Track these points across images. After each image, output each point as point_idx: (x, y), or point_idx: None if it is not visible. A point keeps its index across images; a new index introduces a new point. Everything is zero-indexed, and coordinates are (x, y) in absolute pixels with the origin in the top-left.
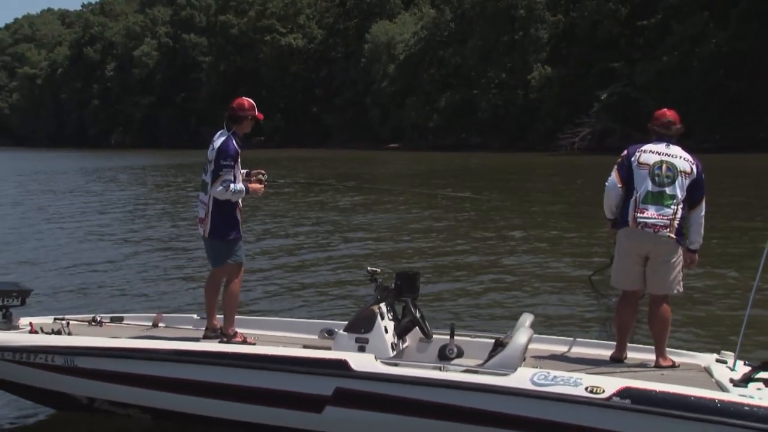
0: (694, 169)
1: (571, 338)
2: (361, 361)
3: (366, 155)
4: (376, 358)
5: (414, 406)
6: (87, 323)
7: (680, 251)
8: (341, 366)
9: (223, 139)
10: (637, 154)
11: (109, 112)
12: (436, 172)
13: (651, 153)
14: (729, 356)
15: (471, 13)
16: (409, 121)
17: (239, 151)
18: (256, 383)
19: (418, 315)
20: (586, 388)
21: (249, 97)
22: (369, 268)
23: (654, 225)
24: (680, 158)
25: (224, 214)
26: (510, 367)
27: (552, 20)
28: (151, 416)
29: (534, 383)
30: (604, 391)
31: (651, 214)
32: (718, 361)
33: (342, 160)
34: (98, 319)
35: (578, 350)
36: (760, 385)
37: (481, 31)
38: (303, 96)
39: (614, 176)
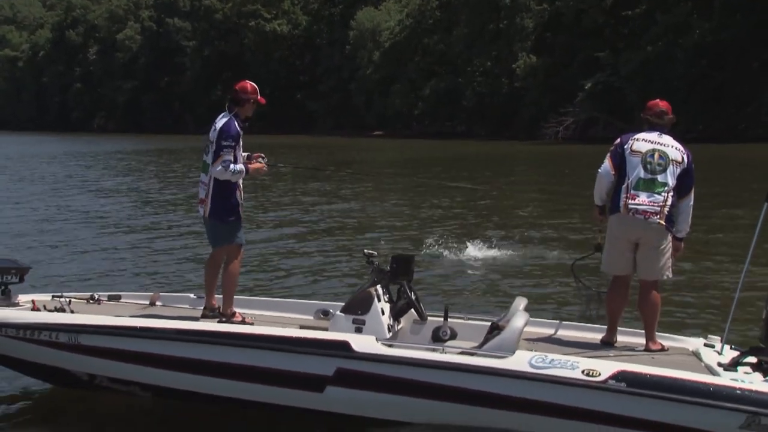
0: (685, 159)
1: (558, 321)
2: (363, 343)
3: (352, 142)
4: (377, 339)
5: (413, 387)
6: (85, 301)
7: (669, 238)
8: (343, 347)
9: (225, 120)
10: (630, 142)
11: (92, 96)
12: (428, 160)
13: (644, 141)
14: (716, 340)
15: (456, 1)
16: (393, 108)
17: (240, 132)
18: (258, 362)
19: (413, 297)
20: (583, 371)
21: (233, 82)
22: (366, 250)
23: (645, 212)
24: (672, 147)
25: (225, 196)
26: (508, 350)
27: (537, 9)
28: (151, 394)
29: (532, 366)
30: (600, 374)
31: (642, 200)
32: (706, 345)
33: (329, 147)
34: (96, 297)
35: (568, 333)
36: (748, 369)
37: (466, 19)
38: (287, 82)
39: (608, 164)
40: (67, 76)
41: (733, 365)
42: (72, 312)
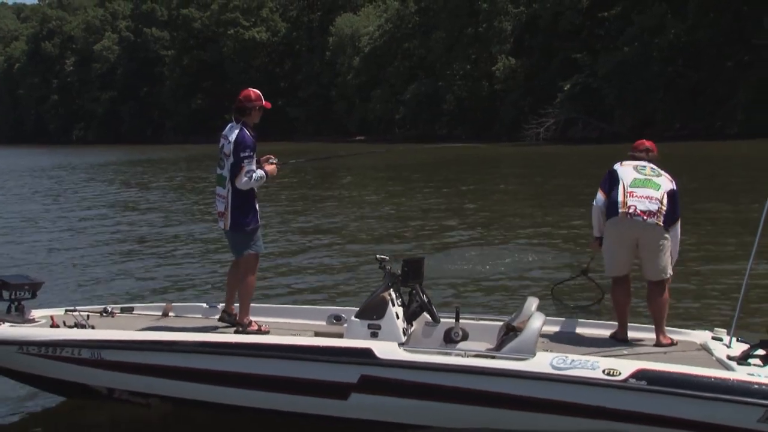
0: (674, 183)
1: (563, 318)
2: (385, 349)
3: (335, 148)
4: (399, 345)
5: (437, 391)
6: (99, 314)
7: (668, 237)
8: (366, 354)
9: (237, 131)
10: (619, 162)
11: (70, 108)
12: (413, 164)
13: (633, 160)
14: (722, 333)
15: (435, 5)
16: (375, 113)
17: (254, 140)
18: (282, 372)
19: (425, 300)
20: (604, 371)
21: (213, 90)
22: (378, 255)
23: (643, 212)
24: (661, 170)
25: (244, 206)
26: (528, 352)
27: (515, 12)
28: (172, 404)
29: (554, 367)
30: (620, 373)
31: (641, 195)
32: (714, 338)
33: (313, 153)
34: (109, 309)
35: (578, 330)
36: (758, 362)
37: (445, 23)
38: (268, 89)
39: (600, 194)
40: (43, 87)
41: (744, 358)
42: (91, 327)
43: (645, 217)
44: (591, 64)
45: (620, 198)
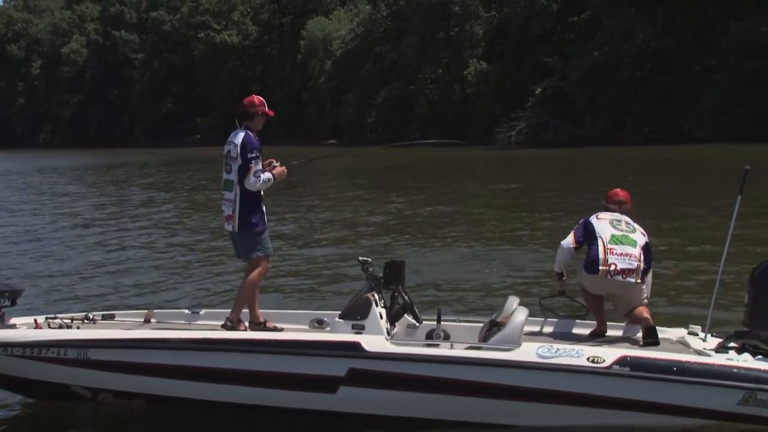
0: (646, 236)
1: (544, 318)
2: (374, 342)
3: (308, 152)
4: (386, 338)
5: (425, 382)
6: (80, 321)
7: (644, 288)
8: (354, 347)
9: (242, 134)
10: (595, 215)
11: (36, 111)
12: (386, 167)
13: (608, 213)
14: (697, 329)
15: (406, 9)
16: (347, 117)
17: (260, 142)
18: (270, 367)
19: (408, 301)
20: (588, 359)
21: (184, 94)
22: (361, 257)
23: (622, 270)
24: (635, 223)
25: (252, 208)
26: (513, 343)
27: (486, 16)
28: (158, 405)
29: (539, 356)
30: (604, 360)
31: (620, 252)
32: (690, 333)
33: (282, 156)
34: (90, 316)
35: (559, 329)
36: (733, 353)
37: (416, 27)
38: (239, 93)
39: (570, 238)
40: (9, 91)
41: (720, 349)
42: (77, 328)
43: (624, 276)
44: (562, 69)
45: (601, 255)
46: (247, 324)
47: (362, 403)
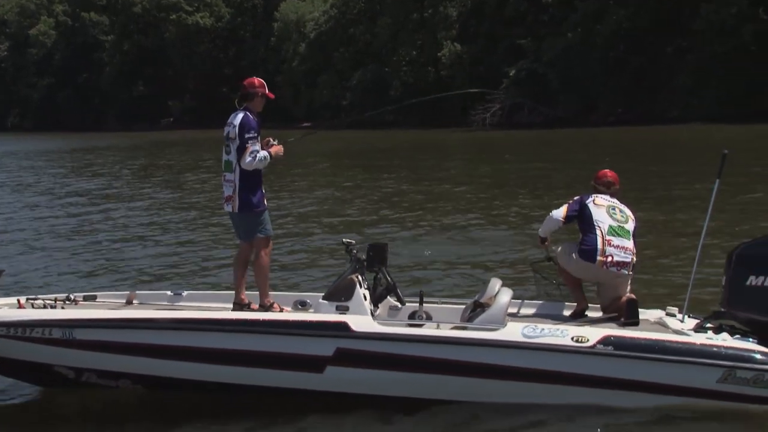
0: (635, 221)
1: (526, 300)
2: (361, 322)
3: (284, 134)
4: (373, 318)
5: (411, 362)
6: (62, 302)
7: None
8: (342, 327)
9: (241, 115)
10: (591, 197)
11: (4, 94)
12: (362, 150)
13: (602, 199)
14: (674, 310)
15: None
16: (321, 99)
17: (258, 124)
18: (258, 347)
19: (392, 282)
20: (572, 338)
21: (156, 77)
22: (344, 240)
23: (618, 263)
24: (626, 208)
25: (252, 188)
26: (498, 323)
27: None
28: (143, 386)
29: (525, 336)
30: (588, 339)
31: (618, 245)
32: (668, 314)
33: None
34: (72, 297)
35: (541, 310)
36: (711, 333)
37: (390, 8)
38: (212, 76)
39: (562, 211)
40: None
41: (699, 330)
42: (62, 308)
43: (619, 269)
44: (536, 50)
45: (599, 246)
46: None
47: (349, 383)
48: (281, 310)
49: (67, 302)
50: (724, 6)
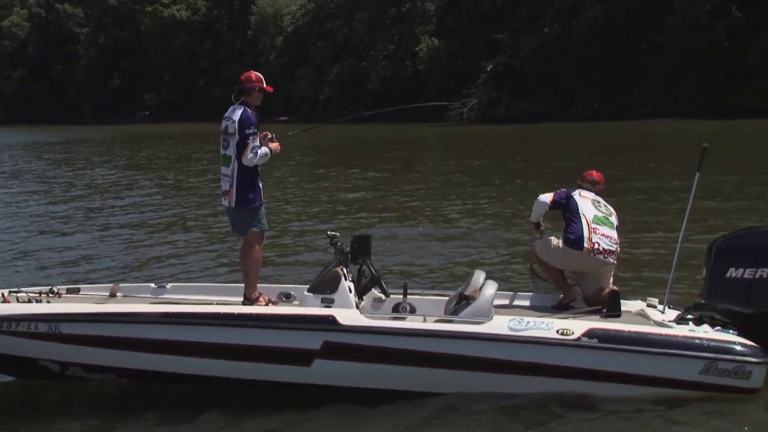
0: (618, 220)
1: (512, 292)
2: (348, 315)
3: (262, 128)
4: (361, 312)
5: (398, 355)
6: (46, 295)
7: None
8: (329, 321)
9: (240, 111)
10: (577, 190)
11: None
12: (342, 145)
13: (588, 192)
14: (654, 301)
15: None
16: (299, 93)
17: (257, 119)
18: (246, 341)
19: (376, 274)
20: (557, 331)
21: (132, 70)
22: (329, 232)
23: (605, 251)
24: (609, 206)
25: (248, 183)
26: (484, 316)
27: None
28: (128, 380)
29: (511, 329)
30: (573, 332)
31: (602, 233)
32: (649, 306)
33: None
34: (55, 290)
35: (524, 302)
36: (692, 325)
37: (367, 3)
38: (189, 69)
39: (549, 196)
40: None
41: (679, 321)
42: (47, 302)
43: (605, 256)
44: (513, 45)
45: (585, 233)
46: (270, 298)
47: (336, 376)
48: (268, 303)
49: (50, 295)
50: (698, 2)
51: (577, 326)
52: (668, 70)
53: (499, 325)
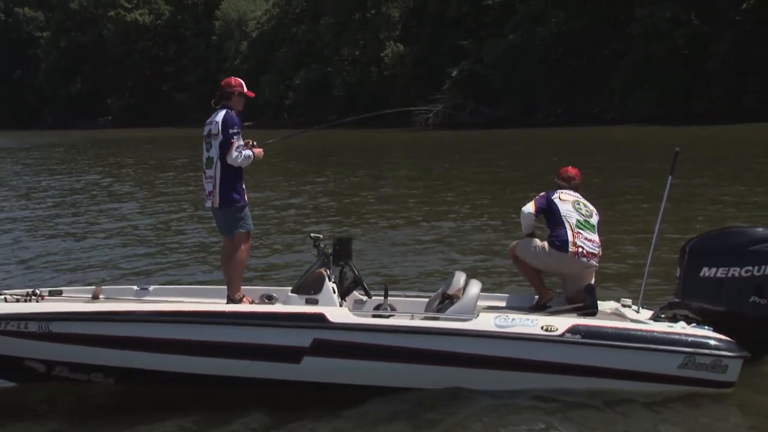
0: (598, 215)
1: (489, 293)
2: (337, 313)
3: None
4: (350, 310)
5: (387, 352)
6: (27, 297)
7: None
8: (319, 318)
9: (223, 113)
10: (557, 193)
11: None
12: (311, 150)
13: (567, 194)
14: (628, 302)
15: None
16: (264, 98)
17: (241, 121)
18: (236, 338)
19: (358, 276)
20: (542, 327)
21: (94, 74)
22: (312, 234)
23: (588, 254)
24: (589, 203)
25: (233, 184)
26: (469, 314)
27: None
28: (116, 379)
29: (497, 325)
30: (557, 329)
31: (586, 237)
32: (623, 306)
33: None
34: (38, 292)
35: (504, 302)
36: (668, 323)
37: (333, 8)
38: (152, 73)
39: (531, 206)
40: None
41: (655, 319)
42: (36, 302)
43: (588, 259)
44: (477, 51)
45: (570, 238)
46: (252, 300)
47: (326, 373)
48: (252, 303)
49: (33, 297)
50: (658, 11)
51: (560, 323)
52: (629, 77)
53: (486, 322)
